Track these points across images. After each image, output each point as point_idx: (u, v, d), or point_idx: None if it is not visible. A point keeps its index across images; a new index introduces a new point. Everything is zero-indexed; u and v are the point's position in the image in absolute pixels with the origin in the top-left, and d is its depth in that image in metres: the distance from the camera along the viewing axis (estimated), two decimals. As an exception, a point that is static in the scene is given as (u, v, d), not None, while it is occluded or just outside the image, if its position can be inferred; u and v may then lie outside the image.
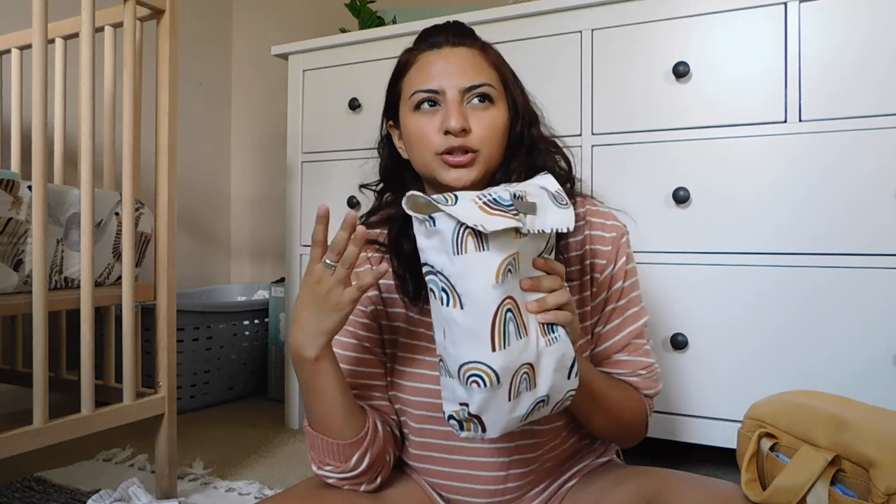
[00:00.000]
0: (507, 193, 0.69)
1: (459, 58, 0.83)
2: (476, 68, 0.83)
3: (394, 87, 0.89)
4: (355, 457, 0.80)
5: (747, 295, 1.29)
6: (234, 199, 2.82)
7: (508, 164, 0.85)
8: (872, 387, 1.19)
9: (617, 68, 1.42)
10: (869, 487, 0.63)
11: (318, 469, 0.83)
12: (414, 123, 0.83)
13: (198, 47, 2.63)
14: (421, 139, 0.82)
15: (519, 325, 0.67)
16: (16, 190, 1.13)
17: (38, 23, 1.10)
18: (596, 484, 0.87)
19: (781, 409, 0.78)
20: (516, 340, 0.66)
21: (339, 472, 0.81)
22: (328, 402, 0.79)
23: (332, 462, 0.81)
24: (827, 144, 1.23)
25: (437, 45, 0.84)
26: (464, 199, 0.67)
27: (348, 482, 0.82)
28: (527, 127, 0.86)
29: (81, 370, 1.19)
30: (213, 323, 2.08)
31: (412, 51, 0.87)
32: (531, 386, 0.69)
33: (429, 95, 0.82)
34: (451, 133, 0.80)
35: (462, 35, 0.85)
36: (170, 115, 1.31)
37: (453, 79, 0.81)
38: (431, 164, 0.82)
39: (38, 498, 1.30)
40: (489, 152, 0.82)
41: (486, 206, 0.66)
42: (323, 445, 0.81)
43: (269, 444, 1.69)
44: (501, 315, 0.66)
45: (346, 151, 1.76)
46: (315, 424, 0.81)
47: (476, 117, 0.81)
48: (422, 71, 0.83)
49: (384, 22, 1.98)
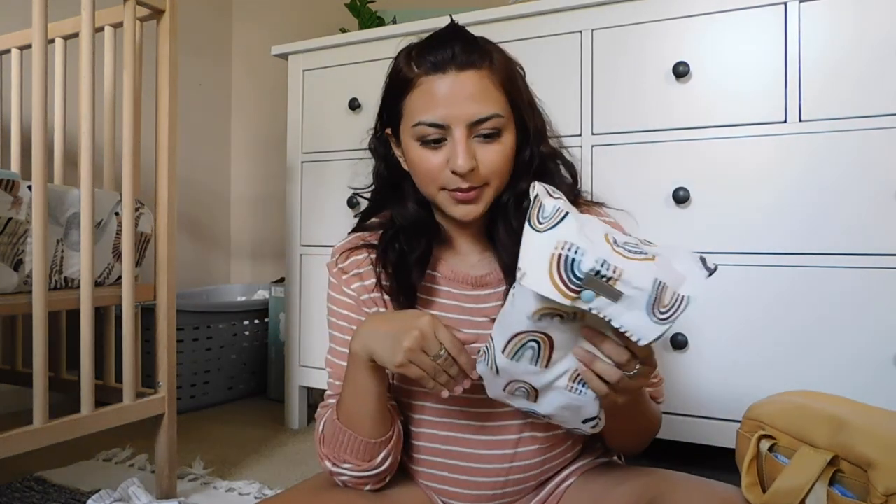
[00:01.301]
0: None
1: (466, 86, 0.77)
2: (484, 96, 0.78)
3: (393, 104, 0.83)
4: (381, 455, 0.81)
5: (747, 295, 1.29)
6: (234, 199, 2.82)
7: (516, 185, 0.83)
8: (872, 387, 1.19)
9: (617, 68, 1.42)
10: (867, 488, 0.63)
11: (332, 466, 0.83)
12: (418, 156, 0.80)
13: (198, 47, 2.63)
14: (427, 174, 0.80)
15: (539, 357, 0.68)
16: (16, 190, 1.13)
17: (38, 23, 1.10)
18: (596, 484, 0.87)
19: (780, 409, 0.78)
20: (528, 364, 0.69)
21: (359, 471, 0.81)
22: (370, 403, 0.79)
23: (353, 460, 0.81)
24: (827, 144, 1.23)
25: (443, 69, 0.77)
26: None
27: (363, 481, 0.82)
28: (536, 146, 0.84)
29: (81, 370, 1.19)
30: (213, 323, 2.08)
31: (413, 65, 0.80)
32: (530, 399, 0.72)
33: (434, 129, 0.78)
34: (457, 173, 0.78)
35: (469, 53, 0.78)
36: (170, 115, 1.31)
37: (461, 110, 0.77)
38: (437, 197, 0.82)
39: (38, 498, 1.30)
40: (497, 182, 0.81)
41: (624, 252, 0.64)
42: (350, 442, 0.80)
43: (269, 444, 1.69)
44: (521, 339, 0.67)
45: (346, 151, 1.76)
46: (347, 420, 0.81)
47: (484, 150, 0.79)
48: (426, 97, 0.78)
49: (384, 22, 1.98)
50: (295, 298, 1.83)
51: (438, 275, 0.89)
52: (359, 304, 0.89)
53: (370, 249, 0.90)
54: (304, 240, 1.82)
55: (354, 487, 0.84)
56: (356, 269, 0.90)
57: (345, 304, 0.90)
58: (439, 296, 0.88)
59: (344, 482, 0.83)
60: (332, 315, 0.91)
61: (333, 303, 0.91)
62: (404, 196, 0.88)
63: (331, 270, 0.92)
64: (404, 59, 0.82)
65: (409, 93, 0.80)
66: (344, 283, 0.90)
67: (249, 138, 2.79)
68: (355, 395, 0.80)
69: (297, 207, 1.84)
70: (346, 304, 0.90)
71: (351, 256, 0.91)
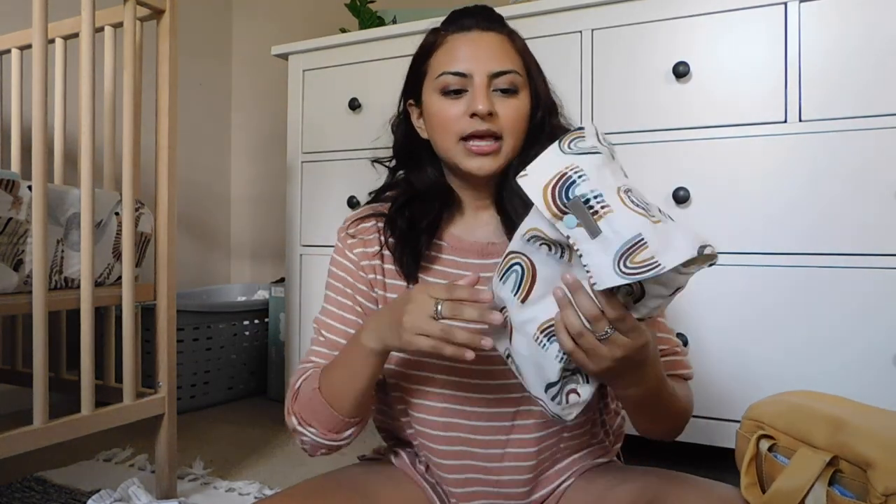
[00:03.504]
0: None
1: (488, 42, 0.83)
2: (504, 54, 0.83)
3: (418, 67, 0.88)
4: (348, 432, 0.83)
5: (747, 294, 1.29)
6: (234, 199, 2.83)
7: (527, 152, 0.85)
8: (873, 387, 1.19)
9: (617, 68, 1.42)
10: (867, 488, 0.63)
11: (297, 424, 0.84)
12: (438, 106, 0.84)
13: (198, 47, 2.63)
14: (445, 122, 0.83)
15: (521, 285, 0.68)
16: (16, 190, 1.13)
17: (38, 23, 1.11)
18: (596, 484, 0.86)
19: (779, 409, 0.78)
20: (511, 291, 0.69)
21: (322, 438, 0.83)
22: (359, 388, 0.80)
23: (321, 428, 0.83)
24: (827, 144, 1.23)
25: (467, 28, 0.84)
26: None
27: (322, 447, 0.85)
28: (547, 115, 0.88)
29: (81, 370, 1.19)
30: (213, 323, 2.08)
31: (439, 31, 0.87)
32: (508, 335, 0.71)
33: (456, 79, 0.82)
34: (477, 115, 0.81)
35: (491, 20, 0.86)
36: (170, 115, 1.31)
37: (481, 63, 0.82)
38: (454, 149, 0.84)
39: (38, 498, 1.30)
40: (513, 140, 0.84)
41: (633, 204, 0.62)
42: (324, 413, 0.82)
43: (269, 444, 1.69)
44: (510, 258, 0.69)
45: (346, 151, 1.76)
46: (329, 396, 0.82)
47: (501, 104, 0.82)
48: (450, 53, 0.84)
49: (384, 22, 1.98)
50: (295, 298, 1.83)
51: (444, 244, 0.90)
52: (357, 269, 0.91)
53: (379, 218, 0.92)
54: (304, 240, 1.82)
55: (309, 451, 0.86)
56: (362, 236, 0.92)
57: (344, 268, 0.92)
58: (443, 264, 0.89)
59: (302, 441, 0.86)
60: (330, 276, 0.94)
61: (334, 265, 0.94)
62: (422, 161, 0.91)
63: (339, 235, 0.95)
64: (431, 30, 0.89)
65: (434, 52, 0.86)
66: (348, 247, 0.92)
67: (249, 138, 2.79)
68: (346, 378, 0.81)
69: (297, 207, 1.84)
70: (345, 268, 0.92)
71: (360, 224, 0.94)
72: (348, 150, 1.75)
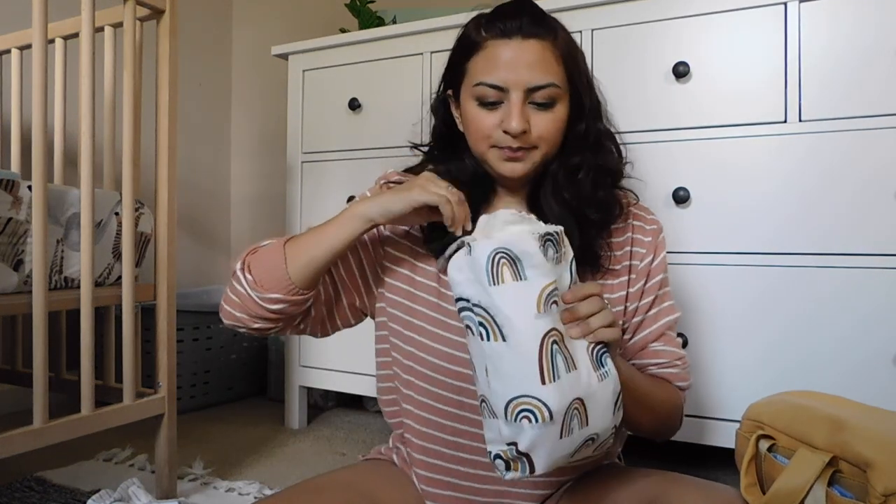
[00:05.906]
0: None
1: (528, 53, 0.81)
2: (544, 66, 0.82)
3: (457, 65, 0.87)
4: (277, 304, 0.81)
5: (747, 295, 1.29)
6: (234, 199, 2.82)
7: (568, 159, 0.86)
8: (872, 387, 1.19)
9: (617, 68, 1.42)
10: (866, 488, 0.63)
11: (239, 268, 0.83)
12: (474, 114, 0.84)
13: (198, 47, 2.62)
14: (479, 131, 0.84)
15: (567, 359, 0.65)
16: (16, 190, 1.13)
17: (38, 23, 1.11)
18: (596, 485, 0.86)
19: (779, 409, 0.78)
20: (566, 374, 0.64)
21: (250, 289, 0.81)
22: (322, 247, 0.80)
23: (257, 278, 0.81)
24: (827, 144, 1.23)
25: (509, 35, 0.82)
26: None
27: (240, 309, 0.83)
28: (592, 121, 0.88)
29: (81, 370, 1.19)
30: (213, 323, 2.08)
31: (481, 30, 0.84)
32: (582, 423, 0.65)
33: (493, 91, 0.82)
34: (509, 133, 0.81)
35: (536, 25, 0.83)
36: (170, 115, 1.31)
37: (520, 75, 0.81)
38: (486, 153, 0.85)
39: (38, 498, 1.30)
40: (546, 148, 0.84)
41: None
42: (272, 262, 0.81)
43: (269, 444, 1.69)
44: (547, 347, 0.63)
45: (346, 151, 1.76)
46: (290, 248, 0.81)
47: (537, 117, 0.82)
48: (489, 60, 0.82)
49: (384, 22, 1.98)
50: (295, 298, 1.83)
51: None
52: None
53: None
54: (304, 240, 1.82)
55: (227, 307, 0.84)
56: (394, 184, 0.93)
57: (373, 191, 0.94)
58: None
59: (231, 290, 0.83)
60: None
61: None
62: (461, 153, 0.91)
63: (377, 182, 0.96)
64: (474, 25, 0.86)
65: (474, 55, 0.85)
66: (379, 188, 0.94)
67: (249, 138, 2.79)
68: (315, 236, 0.81)
69: (297, 207, 1.84)
70: (374, 191, 0.94)
71: (392, 179, 0.95)
72: (348, 150, 1.75)
